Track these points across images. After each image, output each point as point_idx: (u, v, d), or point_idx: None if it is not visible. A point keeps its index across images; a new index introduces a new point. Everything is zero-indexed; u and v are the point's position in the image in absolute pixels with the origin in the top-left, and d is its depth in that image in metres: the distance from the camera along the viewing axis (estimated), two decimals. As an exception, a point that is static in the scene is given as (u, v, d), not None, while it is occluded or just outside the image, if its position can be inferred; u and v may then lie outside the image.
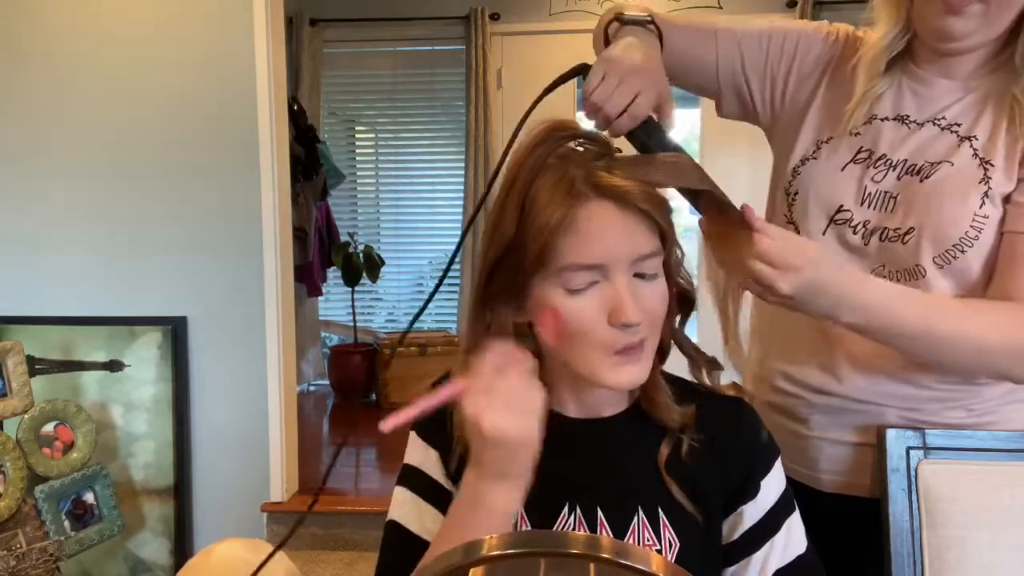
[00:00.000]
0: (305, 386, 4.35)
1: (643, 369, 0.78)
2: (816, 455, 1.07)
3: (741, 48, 1.09)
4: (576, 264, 0.74)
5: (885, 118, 1.01)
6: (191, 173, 2.52)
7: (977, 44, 0.94)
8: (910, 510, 1.01)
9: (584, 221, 0.74)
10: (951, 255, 0.95)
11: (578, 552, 0.41)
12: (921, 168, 0.97)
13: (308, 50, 4.32)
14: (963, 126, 0.97)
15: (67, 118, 2.53)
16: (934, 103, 0.99)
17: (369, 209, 4.75)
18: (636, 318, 0.74)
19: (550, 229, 0.74)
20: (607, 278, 0.75)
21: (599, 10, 4.14)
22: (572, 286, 0.75)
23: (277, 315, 2.52)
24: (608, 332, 0.75)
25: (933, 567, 1.00)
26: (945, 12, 0.90)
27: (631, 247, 0.75)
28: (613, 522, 0.82)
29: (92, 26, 2.51)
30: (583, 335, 0.76)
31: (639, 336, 0.76)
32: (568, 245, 0.74)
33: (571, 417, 0.85)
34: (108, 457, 2.48)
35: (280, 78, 2.55)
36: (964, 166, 0.95)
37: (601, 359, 0.76)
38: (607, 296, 0.75)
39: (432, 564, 0.43)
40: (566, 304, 0.75)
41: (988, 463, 1.00)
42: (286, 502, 2.60)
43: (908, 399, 1.01)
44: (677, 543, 0.81)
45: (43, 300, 2.55)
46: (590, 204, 0.74)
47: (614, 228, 0.74)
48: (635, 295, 0.75)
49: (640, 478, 0.82)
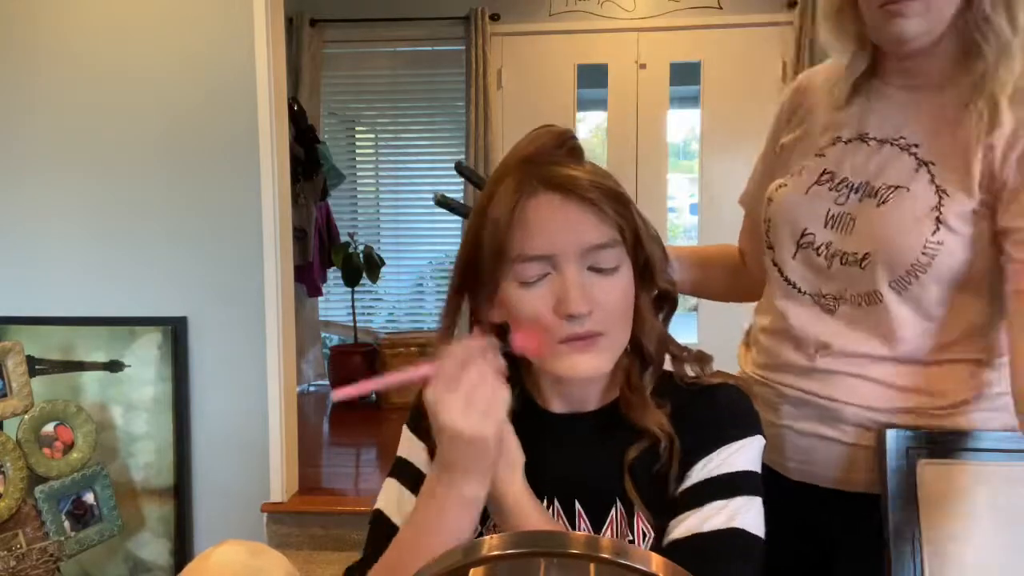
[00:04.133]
0: (305, 386, 4.35)
1: (600, 360, 0.79)
2: (782, 444, 1.07)
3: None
4: (524, 255, 0.76)
5: (848, 140, 1.03)
6: (191, 173, 2.52)
7: (933, 38, 0.95)
8: (910, 510, 1.01)
9: (531, 212, 0.76)
10: (906, 281, 0.96)
11: (578, 552, 0.41)
12: (878, 191, 0.98)
13: (308, 50, 4.32)
14: (921, 148, 0.97)
15: (67, 118, 2.53)
16: (895, 120, 1.00)
17: (369, 209, 4.74)
18: (580, 309, 0.76)
19: (501, 222, 0.76)
20: (557, 269, 0.77)
21: (599, 10, 4.15)
22: (524, 278, 0.77)
23: (277, 315, 2.52)
24: (555, 322, 0.77)
25: (933, 567, 1.00)
26: (892, 17, 0.93)
27: (577, 237, 0.76)
28: (591, 513, 0.82)
29: (92, 26, 2.51)
30: (532, 326, 0.78)
31: (586, 327, 0.77)
32: (517, 237, 0.76)
33: (554, 412, 0.87)
34: (108, 457, 2.48)
35: (280, 78, 2.55)
36: (920, 192, 0.95)
37: (553, 349, 0.78)
38: (556, 287, 0.77)
39: (432, 564, 0.43)
40: (519, 295, 0.77)
41: (988, 463, 1.00)
42: (286, 502, 2.60)
43: (874, 397, 1.01)
44: (651, 534, 0.80)
45: (43, 300, 2.55)
46: (537, 196, 0.76)
47: (558, 218, 0.76)
48: (588, 287, 0.77)
49: (617, 471, 0.82)
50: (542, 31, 4.16)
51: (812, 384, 1.04)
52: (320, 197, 4.14)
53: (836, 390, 1.02)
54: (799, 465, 1.07)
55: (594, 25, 4.14)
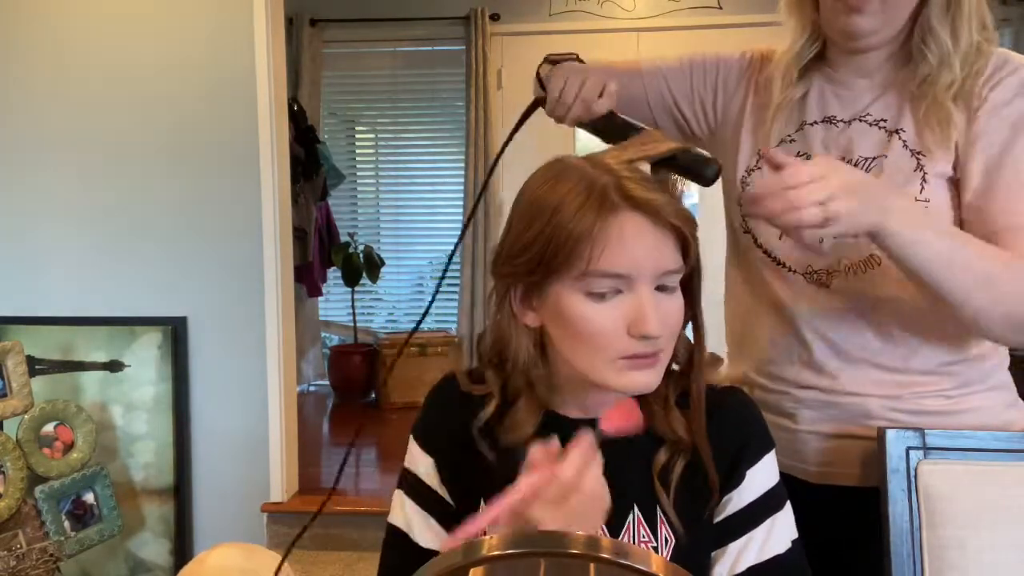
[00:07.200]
0: (305, 386, 4.35)
1: (656, 376, 0.79)
2: (803, 448, 1.08)
3: (667, 79, 1.17)
4: (603, 272, 0.75)
5: (814, 122, 1.06)
6: (191, 173, 2.52)
7: (882, 40, 1.00)
8: (910, 510, 1.01)
9: (616, 230, 0.75)
10: None
11: (578, 552, 0.41)
12: (857, 163, 1.01)
13: (308, 50, 4.32)
14: (888, 120, 1.01)
15: (67, 118, 2.53)
16: (856, 102, 1.04)
17: (369, 209, 4.74)
18: (657, 331, 0.76)
19: (580, 235, 0.75)
20: (631, 288, 0.76)
21: (599, 10, 4.14)
22: (595, 290, 0.76)
23: (277, 315, 2.52)
24: (625, 341, 0.76)
25: (933, 567, 1.00)
26: (848, 12, 0.96)
27: (658, 261, 0.76)
28: (608, 520, 0.82)
29: (92, 26, 2.51)
30: (597, 340, 0.77)
31: (656, 348, 0.77)
32: (597, 252, 0.75)
33: (572, 418, 0.86)
34: (108, 457, 2.48)
35: (280, 78, 2.55)
36: (897, 157, 0.99)
37: (610, 364, 0.78)
38: (629, 306, 0.76)
39: (432, 564, 0.43)
40: (587, 308, 0.76)
41: (988, 463, 1.00)
42: (286, 502, 2.59)
43: (889, 385, 1.03)
44: (673, 540, 0.81)
45: (43, 300, 2.55)
46: (622, 214, 0.75)
47: (645, 241, 0.76)
48: (657, 308, 0.76)
49: (635, 477, 0.83)
50: (542, 31, 4.16)
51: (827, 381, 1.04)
52: (320, 197, 4.14)
53: (853, 384, 1.03)
54: (820, 468, 1.07)
55: (594, 25, 4.14)
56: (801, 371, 1.06)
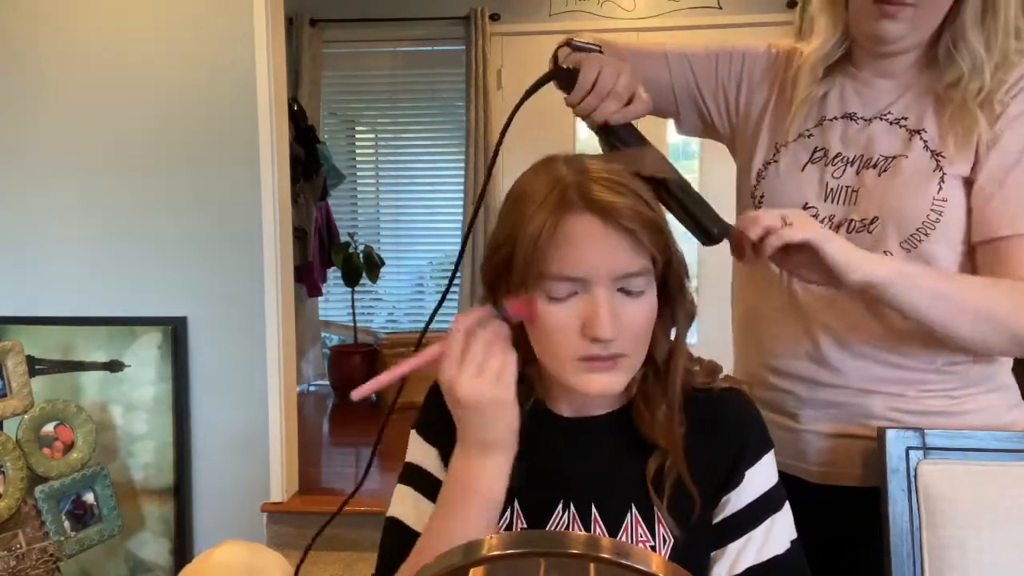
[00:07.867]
0: (305, 386, 4.35)
1: (616, 379, 0.79)
2: (805, 448, 1.08)
3: (692, 67, 1.16)
4: (557, 275, 0.75)
5: (834, 118, 1.06)
6: (191, 173, 2.52)
7: (910, 45, 1.00)
8: (910, 510, 1.01)
9: (569, 232, 0.74)
10: (916, 239, 0.99)
11: (578, 552, 0.41)
12: (877, 162, 1.02)
13: (308, 50, 4.32)
14: (910, 120, 1.02)
15: (67, 118, 2.53)
16: (877, 101, 1.05)
17: (369, 209, 4.74)
18: (609, 334, 0.75)
19: (537, 237, 0.75)
20: (587, 291, 0.76)
21: (599, 10, 4.15)
22: (553, 294, 0.76)
23: (277, 315, 2.52)
24: (579, 341, 0.76)
25: (933, 567, 1.00)
26: (880, 17, 0.96)
27: (612, 264, 0.75)
28: (607, 519, 0.82)
29: (92, 26, 2.50)
30: (554, 339, 0.77)
31: (611, 351, 0.77)
32: (551, 255, 0.75)
33: (564, 416, 0.87)
34: (108, 457, 2.48)
35: (280, 78, 2.55)
36: (917, 158, 0.99)
37: (568, 364, 0.78)
38: (584, 307, 0.76)
39: (432, 564, 0.43)
40: (545, 309, 0.77)
41: (988, 463, 1.00)
42: (286, 502, 2.59)
43: (894, 382, 1.03)
44: (671, 539, 0.81)
45: (43, 300, 2.55)
46: (576, 216, 0.74)
47: (596, 244, 0.75)
48: (616, 310, 0.76)
49: (632, 476, 0.83)
50: (542, 31, 4.15)
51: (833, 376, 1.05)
52: (320, 197, 4.14)
53: (858, 380, 1.04)
54: (822, 468, 1.08)
55: (594, 25, 4.13)
56: (807, 366, 1.06)
